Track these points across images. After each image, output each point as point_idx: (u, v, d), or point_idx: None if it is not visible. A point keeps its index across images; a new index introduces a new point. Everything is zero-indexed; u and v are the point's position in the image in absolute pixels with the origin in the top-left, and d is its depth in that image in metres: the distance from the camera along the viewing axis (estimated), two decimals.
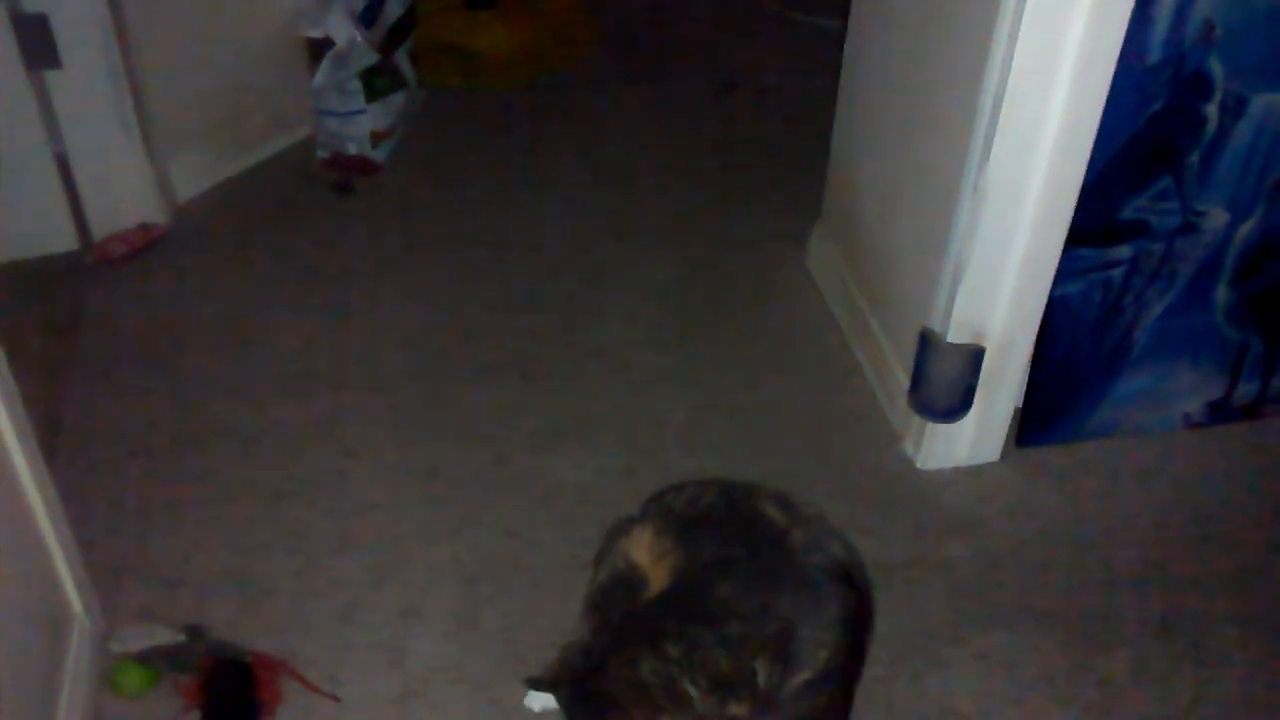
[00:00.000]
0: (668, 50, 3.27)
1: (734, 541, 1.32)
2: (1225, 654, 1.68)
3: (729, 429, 2.06)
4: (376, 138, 2.65)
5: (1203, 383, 2.04)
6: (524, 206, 2.63)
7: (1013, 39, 1.58)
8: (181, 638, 1.61)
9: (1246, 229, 1.88)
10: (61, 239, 2.36)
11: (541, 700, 1.53)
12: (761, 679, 1.27)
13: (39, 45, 2.13)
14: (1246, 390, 2.06)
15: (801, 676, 1.26)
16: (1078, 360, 1.95)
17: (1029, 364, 1.93)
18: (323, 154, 2.68)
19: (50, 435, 1.77)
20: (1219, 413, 2.08)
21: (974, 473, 1.97)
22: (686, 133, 2.93)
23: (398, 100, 2.72)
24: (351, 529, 1.84)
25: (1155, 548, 1.85)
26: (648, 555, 1.32)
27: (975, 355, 1.84)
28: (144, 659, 1.59)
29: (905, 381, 1.96)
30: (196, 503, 1.88)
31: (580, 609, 1.44)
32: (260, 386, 2.11)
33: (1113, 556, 1.83)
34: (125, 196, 2.38)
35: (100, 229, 2.39)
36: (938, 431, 1.94)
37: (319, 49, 2.56)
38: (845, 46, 2.22)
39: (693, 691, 1.29)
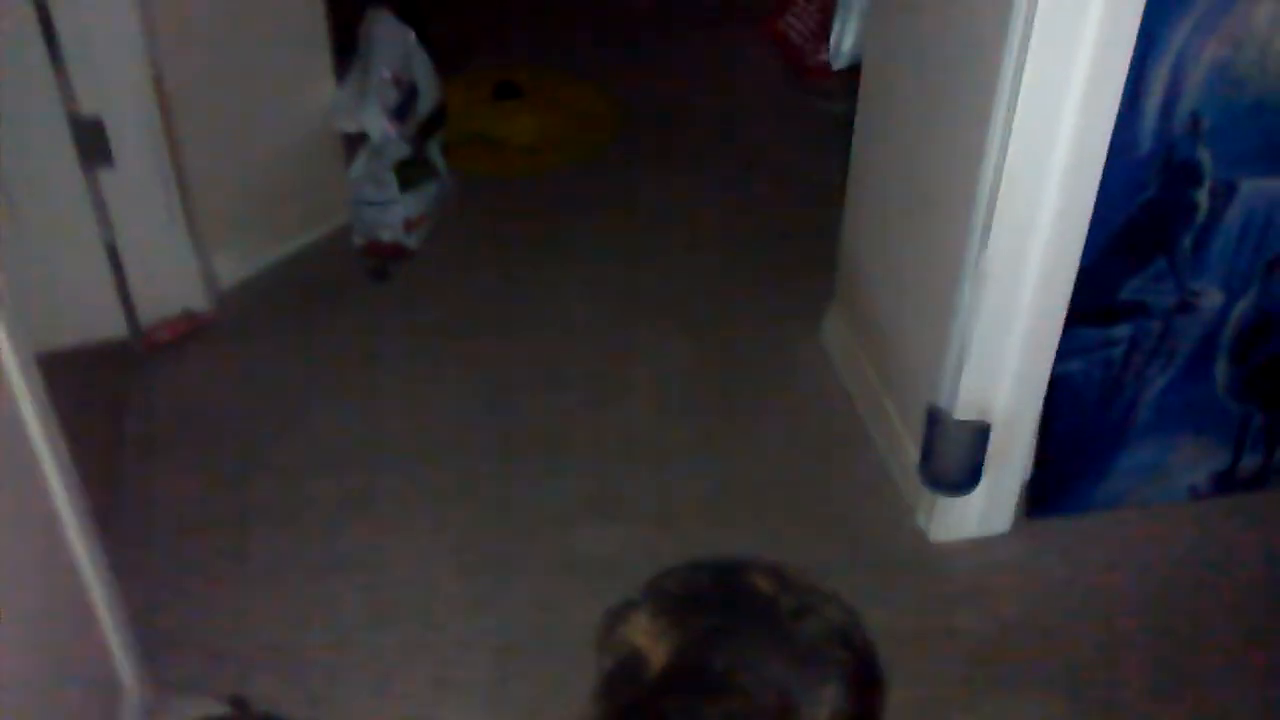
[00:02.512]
0: (688, 135, 3.39)
1: (725, 616, 1.38)
2: (1227, 718, 1.72)
3: (747, 502, 2.14)
4: (410, 225, 2.77)
5: (1207, 455, 2.10)
6: (550, 289, 2.73)
7: (1007, 130, 1.67)
8: (227, 709, 1.69)
9: (1242, 307, 1.95)
10: (112, 326, 2.47)
11: None
12: None
13: (94, 146, 2.26)
14: (1251, 462, 2.12)
15: None
16: (1082, 435, 2.02)
17: (1035, 439, 2.00)
18: (359, 241, 2.80)
19: (102, 514, 1.86)
20: (1224, 484, 2.13)
21: (984, 544, 2.03)
22: (706, 214, 3.03)
23: (430, 189, 2.84)
24: (385, 602, 1.92)
25: (1160, 616, 1.90)
26: (645, 638, 1.38)
27: (981, 432, 1.91)
28: None
29: (916, 455, 2.03)
30: (239, 577, 1.97)
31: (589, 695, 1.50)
32: (299, 465, 2.21)
33: (1119, 624, 1.88)
34: (171, 285, 2.49)
35: (148, 316, 2.50)
36: (948, 504, 2.01)
37: (355, 143, 2.69)
38: (854, 133, 2.33)
39: None
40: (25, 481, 1.42)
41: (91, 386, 2.36)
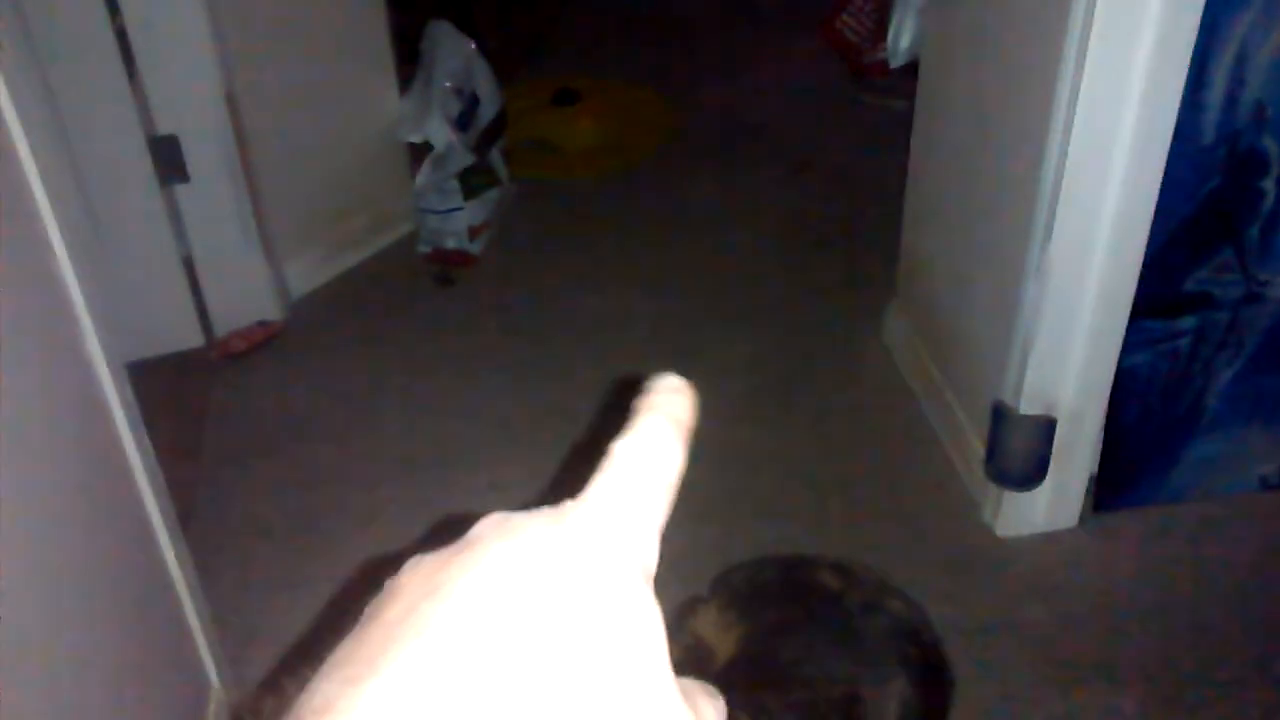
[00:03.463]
0: (743, 135, 3.42)
1: (792, 610, 1.40)
2: None
3: (812, 500, 2.15)
4: (473, 232, 2.82)
5: (1278, 445, 2.08)
6: (611, 291, 2.77)
7: (1069, 124, 1.67)
8: None
9: None
10: (188, 337, 2.55)
11: None
12: None
13: (171, 163, 2.34)
14: None
15: None
16: (1150, 427, 2.01)
17: (1102, 432, 1.99)
18: (424, 249, 2.86)
19: (183, 518, 1.93)
20: None
21: (1052, 538, 2.03)
22: (764, 214, 3.05)
23: (492, 196, 2.89)
24: None
25: (1232, 608, 1.89)
26: (713, 631, 1.41)
27: (1047, 426, 1.91)
28: None
29: (981, 451, 2.03)
30: (316, 579, 2.02)
31: None
32: (370, 468, 2.26)
33: (1190, 618, 1.87)
34: (245, 295, 2.57)
35: (222, 326, 2.58)
36: (1015, 499, 2.01)
37: (419, 153, 2.75)
38: (912, 131, 2.34)
39: None
40: (119, 486, 1.48)
41: (168, 395, 2.44)
